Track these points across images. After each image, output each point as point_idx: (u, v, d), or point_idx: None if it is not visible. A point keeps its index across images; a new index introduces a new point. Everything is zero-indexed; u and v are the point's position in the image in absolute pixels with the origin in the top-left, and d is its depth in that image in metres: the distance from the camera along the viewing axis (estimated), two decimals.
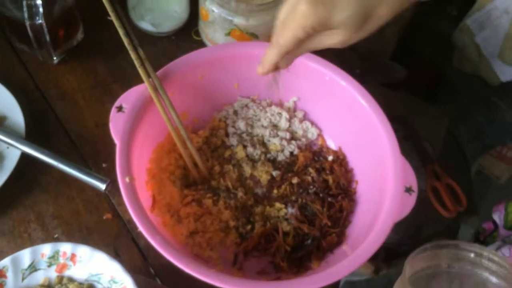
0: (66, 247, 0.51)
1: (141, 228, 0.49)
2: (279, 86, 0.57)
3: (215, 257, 0.58)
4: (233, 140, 0.66)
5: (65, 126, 0.69)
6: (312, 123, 0.69)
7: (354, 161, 0.66)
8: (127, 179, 0.52)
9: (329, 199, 0.62)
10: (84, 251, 0.51)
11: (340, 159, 0.66)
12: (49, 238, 0.59)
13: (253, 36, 0.71)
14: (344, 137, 0.67)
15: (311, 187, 0.63)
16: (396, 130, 0.59)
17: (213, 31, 0.73)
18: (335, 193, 0.62)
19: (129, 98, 0.57)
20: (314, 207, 0.61)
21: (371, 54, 1.31)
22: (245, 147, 0.66)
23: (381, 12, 0.42)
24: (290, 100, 0.69)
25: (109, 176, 0.61)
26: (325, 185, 0.63)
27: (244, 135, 0.67)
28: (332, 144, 0.68)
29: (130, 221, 0.61)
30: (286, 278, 0.57)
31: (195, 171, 0.62)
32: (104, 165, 0.66)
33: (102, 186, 0.59)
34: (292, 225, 0.60)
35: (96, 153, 0.66)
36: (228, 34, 0.71)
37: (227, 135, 0.67)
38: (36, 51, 0.69)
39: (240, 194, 0.62)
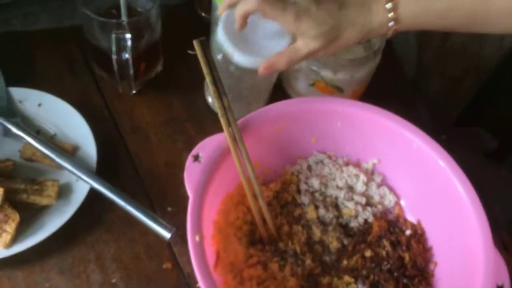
0: None
1: None
2: None
3: None
4: (304, 199, 0.62)
5: (135, 161, 0.67)
6: (390, 189, 0.64)
7: (434, 239, 0.61)
8: (197, 238, 0.49)
9: (405, 280, 0.57)
10: None
11: (419, 235, 0.61)
12: (106, 282, 0.57)
13: (338, 89, 0.68)
14: (425, 210, 0.62)
15: (385, 263, 0.58)
16: None
17: (296, 80, 0.70)
18: (411, 273, 0.58)
19: (206, 147, 0.55)
20: (387, 286, 0.56)
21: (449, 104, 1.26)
22: (317, 207, 0.62)
23: (347, 35, 0.54)
24: (369, 162, 0.65)
25: (174, 221, 0.59)
26: (401, 262, 0.59)
27: (316, 194, 0.63)
28: (410, 216, 0.63)
29: (190, 275, 0.59)
30: None
31: (263, 228, 0.59)
32: (169, 208, 0.63)
33: (167, 235, 0.57)
34: None
35: (163, 195, 0.64)
36: (312, 85, 0.68)
37: (298, 191, 0.63)
38: (117, 82, 0.68)
39: (308, 261, 0.58)
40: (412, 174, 0.62)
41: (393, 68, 0.81)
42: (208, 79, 0.53)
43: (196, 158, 0.54)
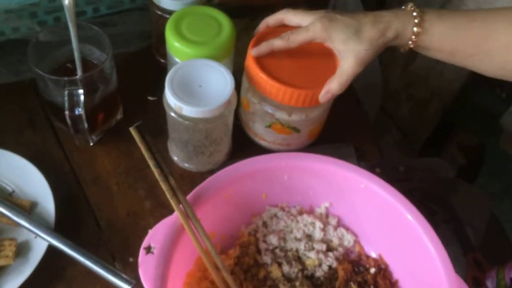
0: None
1: None
2: None
3: None
4: (266, 258, 0.62)
5: (96, 214, 0.67)
6: (347, 229, 0.65)
7: (398, 272, 0.62)
8: None
9: None
10: None
11: (383, 270, 0.62)
12: None
13: (295, 130, 0.69)
14: (384, 244, 0.63)
15: None
16: (434, 213, 0.55)
17: (253, 122, 0.71)
18: None
19: (156, 236, 0.53)
20: None
21: (414, 132, 1.28)
22: (280, 265, 0.62)
23: (367, 33, 0.61)
24: (322, 206, 0.65)
25: (135, 272, 0.58)
26: None
27: (277, 251, 0.63)
28: (370, 251, 0.64)
29: None
30: None
31: None
32: (131, 259, 0.63)
33: None
34: None
35: (125, 245, 0.64)
36: (269, 126, 0.69)
37: (258, 251, 0.63)
38: (73, 136, 0.69)
39: None
40: (365, 212, 0.63)
41: (351, 102, 0.82)
42: (151, 164, 0.53)
43: (149, 250, 0.52)
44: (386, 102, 1.24)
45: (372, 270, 0.62)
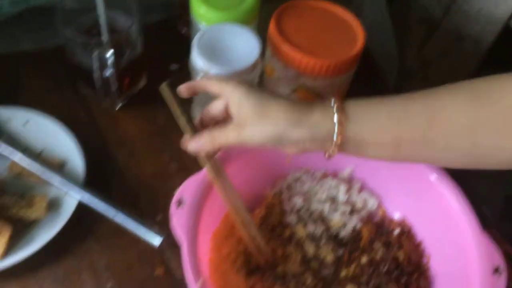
0: None
1: None
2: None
3: None
4: (291, 219, 0.63)
5: (123, 174, 0.68)
6: (371, 193, 0.66)
7: (422, 234, 0.63)
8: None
9: (405, 278, 0.59)
10: None
11: (407, 232, 0.63)
12: None
13: (318, 95, 0.70)
14: (407, 206, 0.64)
15: (382, 265, 0.60)
16: None
17: (277, 88, 0.72)
18: (409, 270, 0.59)
19: (187, 191, 0.54)
20: (388, 287, 0.58)
21: None
22: (305, 225, 0.63)
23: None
24: (345, 170, 0.66)
25: (162, 228, 0.60)
26: (396, 262, 0.60)
27: (302, 212, 0.64)
28: (393, 214, 0.65)
29: (181, 281, 0.59)
30: None
31: (258, 255, 0.59)
32: (159, 217, 0.64)
33: (157, 242, 0.58)
34: None
35: (152, 204, 0.65)
36: (293, 92, 0.70)
37: (283, 212, 0.64)
38: (101, 99, 0.70)
39: (309, 280, 0.58)
40: (389, 176, 0.63)
41: (372, 76, 0.83)
42: (182, 120, 0.54)
43: (180, 203, 0.54)
44: (401, 82, 1.25)
45: (396, 232, 0.63)
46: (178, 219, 0.53)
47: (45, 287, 0.58)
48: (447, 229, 0.58)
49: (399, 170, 0.61)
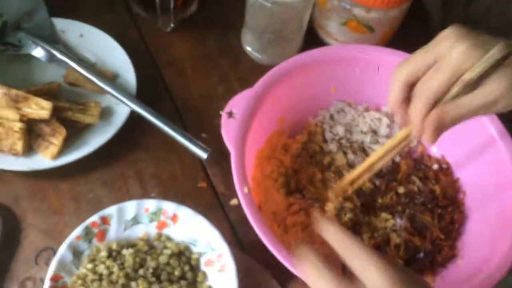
0: (169, 206, 0.52)
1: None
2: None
3: None
4: (332, 146, 0.64)
5: (171, 92, 0.70)
6: None
7: (460, 171, 0.63)
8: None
9: (439, 210, 0.60)
10: (186, 213, 0.51)
11: (445, 168, 0.64)
12: (145, 195, 0.60)
13: (369, 29, 0.70)
14: (447, 144, 0.64)
15: (418, 197, 0.61)
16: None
17: (328, 19, 0.72)
18: (444, 204, 0.60)
19: (237, 104, 0.57)
20: (424, 218, 0.59)
21: None
22: (345, 153, 0.64)
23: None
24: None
25: (209, 145, 0.62)
26: (432, 195, 0.61)
27: (343, 141, 0.65)
28: (433, 152, 0.66)
29: (224, 194, 0.62)
30: None
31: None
32: (203, 135, 0.66)
33: (204, 155, 0.59)
34: (402, 237, 0.58)
35: (198, 123, 0.67)
36: (344, 24, 0.70)
37: (325, 141, 0.65)
38: (158, 17, 0.71)
39: (347, 204, 0.60)
40: None
41: (421, 20, 0.82)
42: None
43: (230, 114, 0.56)
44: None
45: (435, 167, 0.64)
46: (228, 129, 0.55)
47: (93, 189, 0.61)
48: (487, 168, 0.58)
49: None
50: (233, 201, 0.61)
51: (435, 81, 0.41)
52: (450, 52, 0.40)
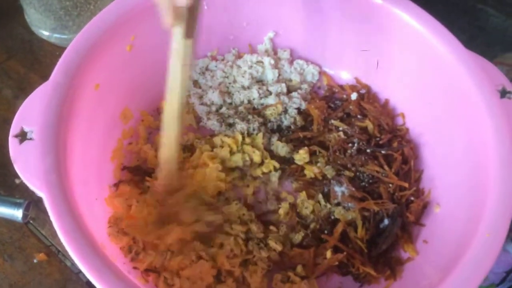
0: None
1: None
2: None
3: None
4: (211, 124, 0.45)
5: None
6: (306, 60, 0.49)
7: (387, 88, 0.47)
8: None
9: (382, 151, 0.43)
10: None
11: (366, 93, 0.47)
12: None
13: None
14: (358, 63, 0.47)
15: (349, 145, 0.44)
16: None
17: None
18: (386, 139, 0.44)
19: (32, 114, 0.35)
20: (368, 170, 0.42)
21: None
22: (231, 125, 0.45)
23: None
24: (265, 40, 0.49)
25: (27, 195, 0.43)
26: (367, 135, 0.44)
27: (224, 110, 0.46)
28: (341, 78, 0.49)
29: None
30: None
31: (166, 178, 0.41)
32: (17, 181, 0.45)
33: (19, 214, 0.37)
34: (352, 210, 0.41)
35: (4, 165, 0.46)
36: None
37: (198, 119, 0.46)
38: None
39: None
40: (328, 27, 0.46)
41: None
42: None
43: (23, 136, 0.34)
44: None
45: (354, 96, 0.46)
46: (26, 162, 0.33)
47: None
48: (420, 65, 0.42)
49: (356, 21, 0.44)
50: None
51: None
52: None
